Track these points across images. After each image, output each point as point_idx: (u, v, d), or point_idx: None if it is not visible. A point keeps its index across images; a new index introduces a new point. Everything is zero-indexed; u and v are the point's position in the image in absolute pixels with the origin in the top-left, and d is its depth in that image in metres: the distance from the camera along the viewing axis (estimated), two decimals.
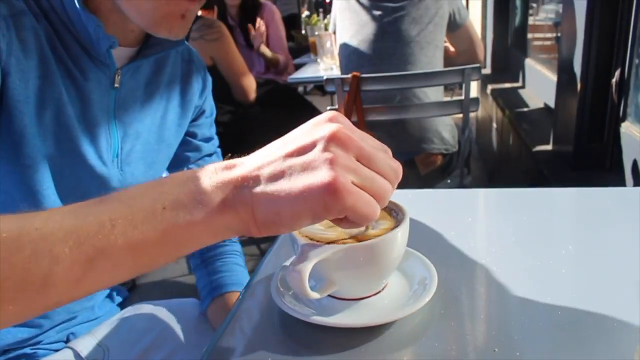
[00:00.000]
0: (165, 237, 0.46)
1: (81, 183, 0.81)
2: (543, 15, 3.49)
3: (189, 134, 1.02)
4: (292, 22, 5.50)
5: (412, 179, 2.12)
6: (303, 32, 4.12)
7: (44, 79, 0.73)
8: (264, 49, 3.16)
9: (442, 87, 2.28)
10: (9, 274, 0.41)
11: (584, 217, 0.86)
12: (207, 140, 1.06)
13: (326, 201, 0.45)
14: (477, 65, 1.90)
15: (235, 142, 1.09)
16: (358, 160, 0.48)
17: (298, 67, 3.39)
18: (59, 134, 0.76)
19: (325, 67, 2.90)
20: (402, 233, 0.58)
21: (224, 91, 2.42)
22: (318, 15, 4.36)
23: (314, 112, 3.11)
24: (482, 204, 0.98)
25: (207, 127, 1.05)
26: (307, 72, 3.05)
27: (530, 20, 3.56)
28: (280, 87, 3.01)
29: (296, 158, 0.47)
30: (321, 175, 0.45)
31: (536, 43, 3.51)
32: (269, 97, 2.77)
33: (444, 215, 0.88)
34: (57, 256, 0.43)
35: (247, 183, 0.47)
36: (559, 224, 0.85)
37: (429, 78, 1.90)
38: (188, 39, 2.37)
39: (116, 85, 0.82)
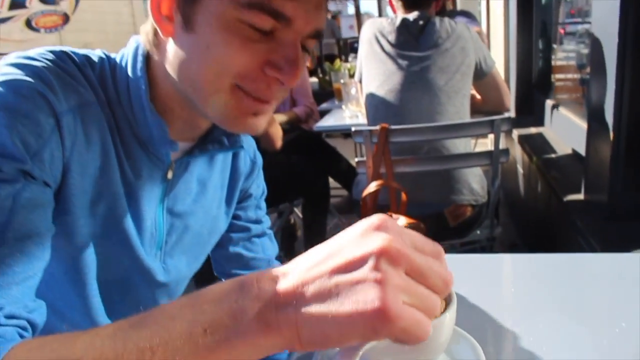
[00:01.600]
0: None
1: (124, 274, 0.80)
2: (568, 55, 3.49)
3: (233, 216, 0.99)
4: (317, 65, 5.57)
5: (442, 231, 2.09)
6: (327, 77, 4.16)
7: (102, 171, 0.73)
8: (278, 117, 3.15)
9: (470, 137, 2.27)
10: None
11: (621, 283, 0.83)
12: (254, 222, 1.02)
13: (376, 326, 0.43)
14: (507, 116, 1.88)
15: None
16: (408, 275, 0.45)
17: (322, 113, 3.40)
18: (109, 226, 0.75)
19: (351, 114, 2.91)
20: (449, 317, 0.55)
21: (252, 139, 2.43)
22: (342, 60, 4.41)
23: (339, 159, 3.11)
24: (520, 271, 0.95)
25: (253, 210, 1.01)
26: (332, 120, 3.06)
27: (555, 62, 3.56)
28: (305, 133, 3.02)
29: (344, 275, 0.45)
30: (371, 298, 0.43)
31: (562, 85, 3.50)
32: (294, 144, 2.78)
33: (485, 284, 0.86)
34: None
35: (292, 301, 0.45)
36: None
37: (458, 129, 1.89)
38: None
39: (169, 177, 0.81)
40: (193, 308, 0.46)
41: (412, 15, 2.22)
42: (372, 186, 1.90)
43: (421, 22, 2.20)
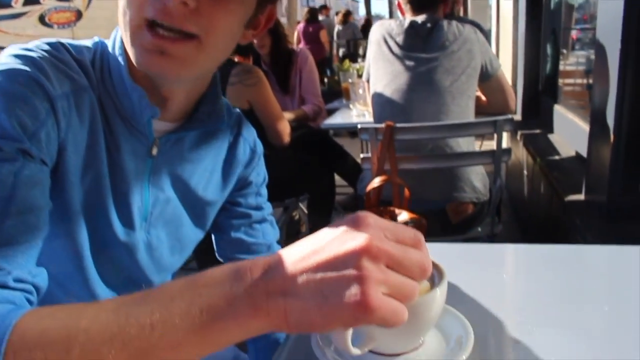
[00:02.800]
0: (203, 338, 0.51)
1: (111, 246, 0.85)
2: (574, 60, 3.51)
3: (233, 203, 1.03)
4: (321, 66, 5.59)
5: (443, 227, 2.13)
6: (336, 77, 4.20)
7: (90, 149, 0.78)
8: (287, 114, 3.18)
9: (473, 137, 2.31)
10: None
11: (618, 275, 0.86)
12: (255, 208, 1.05)
13: (357, 316, 0.48)
14: (510, 116, 1.92)
15: (269, 185, 1.10)
16: (388, 266, 0.50)
17: (330, 111, 3.45)
18: (95, 201, 0.80)
19: (358, 113, 2.96)
20: (440, 293, 0.60)
21: (259, 135, 2.48)
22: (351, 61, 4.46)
23: (345, 156, 3.16)
24: (516, 260, 0.99)
25: (253, 197, 1.04)
26: (340, 118, 3.11)
27: (562, 67, 3.58)
28: (312, 131, 3.07)
29: (329, 273, 0.50)
30: (354, 293, 0.48)
31: (567, 89, 3.52)
32: (302, 140, 2.83)
33: (478, 270, 0.90)
34: (104, 357, 0.48)
35: (281, 291, 0.51)
36: (593, 282, 0.85)
37: (461, 128, 1.93)
38: (226, 87, 2.45)
39: (153, 154, 0.85)
40: (191, 290, 0.52)
41: (420, 18, 2.26)
42: (376, 181, 1.95)
43: (429, 25, 2.24)
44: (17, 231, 0.65)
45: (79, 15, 6.69)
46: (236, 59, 2.70)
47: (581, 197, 2.28)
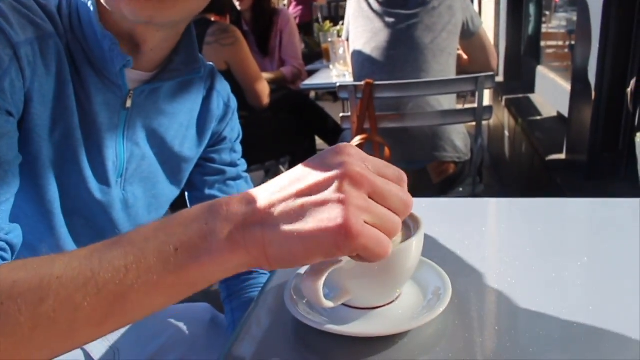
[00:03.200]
0: (179, 279, 0.48)
1: (84, 204, 0.81)
2: (557, 22, 3.49)
3: (207, 159, 1.00)
4: (305, 29, 5.52)
5: (425, 187, 2.12)
6: (315, 38, 4.13)
7: (58, 100, 0.73)
8: (265, 75, 3.13)
9: (455, 95, 2.28)
10: (36, 323, 0.44)
11: (598, 228, 0.86)
12: (229, 164, 1.03)
13: (338, 242, 0.45)
14: (491, 73, 1.90)
15: (247, 147, 1.07)
16: (370, 197, 0.48)
17: (311, 73, 3.40)
18: (66, 155, 0.76)
19: (338, 73, 2.91)
20: (416, 243, 0.58)
21: (238, 96, 2.43)
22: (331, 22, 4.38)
23: (325, 118, 3.12)
24: (496, 214, 0.98)
25: (228, 153, 1.02)
26: (319, 79, 3.06)
27: (544, 28, 3.56)
28: (292, 92, 3.02)
29: (308, 198, 0.47)
30: (334, 216, 0.45)
31: (549, 51, 3.50)
32: (281, 102, 2.78)
33: (458, 224, 0.88)
34: (78, 304, 0.45)
35: (259, 222, 0.48)
36: (573, 235, 0.84)
37: (442, 86, 1.90)
38: (202, 46, 2.38)
39: (127, 106, 0.81)
40: (165, 230, 0.49)
41: None
42: (356, 140, 1.92)
43: None
44: None
45: None
46: (212, 19, 2.62)
47: (562, 156, 2.28)
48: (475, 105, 1.98)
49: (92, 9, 0.73)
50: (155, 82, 0.83)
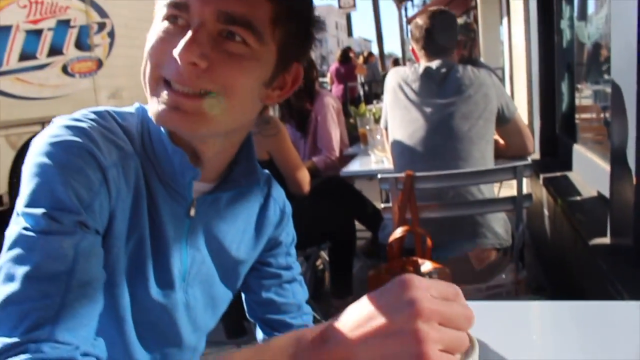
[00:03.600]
0: None
1: (151, 308, 0.85)
2: (590, 98, 3.51)
3: (264, 263, 1.04)
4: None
5: (466, 274, 2.11)
6: (351, 120, 4.23)
7: (134, 214, 0.80)
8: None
9: None
10: None
11: None
12: (285, 268, 1.06)
13: None
14: (529, 161, 1.93)
15: None
16: (440, 324, 0.52)
17: (348, 157, 3.41)
18: (137, 264, 0.82)
19: (377, 159, 2.97)
20: None
21: (280, 184, 2.49)
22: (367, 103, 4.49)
23: (364, 202, 3.16)
24: (544, 318, 0.98)
25: (283, 257, 1.06)
26: (358, 165, 3.10)
27: (577, 104, 3.57)
28: (331, 178, 3.07)
29: (386, 335, 0.52)
30: (414, 352, 0.50)
31: (585, 127, 3.50)
32: (321, 188, 2.84)
33: (505, 328, 0.89)
34: None
35: (342, 358, 0.53)
36: (622, 340, 0.83)
37: (481, 176, 1.94)
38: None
39: (191, 214, 0.87)
40: (257, 357, 0.56)
41: (435, 64, 2.29)
42: (398, 232, 1.95)
43: (444, 70, 2.26)
44: (80, 304, 0.67)
45: (99, 64, 6.88)
46: None
47: (606, 240, 2.24)
48: (513, 187, 2.00)
49: (161, 128, 0.81)
50: (217, 193, 0.89)
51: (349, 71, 10.62)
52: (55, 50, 6.21)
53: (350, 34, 19.89)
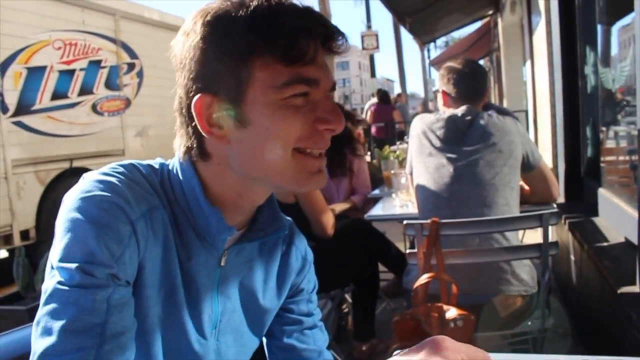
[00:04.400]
0: None
1: (183, 355, 0.88)
2: (615, 142, 3.49)
3: (286, 310, 1.07)
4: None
5: (492, 321, 2.10)
6: (374, 162, 4.27)
7: (164, 263, 0.84)
8: (337, 206, 3.18)
9: None
10: None
11: None
12: (306, 315, 1.09)
13: None
14: (555, 209, 1.93)
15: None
16: None
17: (372, 199, 3.44)
18: (169, 312, 0.85)
19: (401, 203, 2.98)
20: None
21: (305, 226, 2.53)
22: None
23: (388, 245, 3.16)
24: None
25: (305, 303, 1.09)
26: (383, 209, 3.11)
27: (602, 148, 3.56)
28: (354, 220, 3.09)
29: None
30: None
31: (610, 171, 3.48)
32: (345, 231, 2.85)
33: None
34: None
35: None
36: None
37: (507, 223, 1.94)
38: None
39: (222, 264, 0.91)
40: None
41: (460, 111, 2.32)
42: (423, 278, 1.96)
43: (468, 117, 2.29)
44: (114, 355, 0.71)
45: (128, 103, 7.06)
46: None
47: (635, 289, 2.21)
48: (540, 238, 2.00)
49: (197, 186, 0.86)
50: (245, 242, 0.93)
51: (388, 112, 11.80)
52: (86, 89, 6.40)
53: (373, 74, 20.18)
